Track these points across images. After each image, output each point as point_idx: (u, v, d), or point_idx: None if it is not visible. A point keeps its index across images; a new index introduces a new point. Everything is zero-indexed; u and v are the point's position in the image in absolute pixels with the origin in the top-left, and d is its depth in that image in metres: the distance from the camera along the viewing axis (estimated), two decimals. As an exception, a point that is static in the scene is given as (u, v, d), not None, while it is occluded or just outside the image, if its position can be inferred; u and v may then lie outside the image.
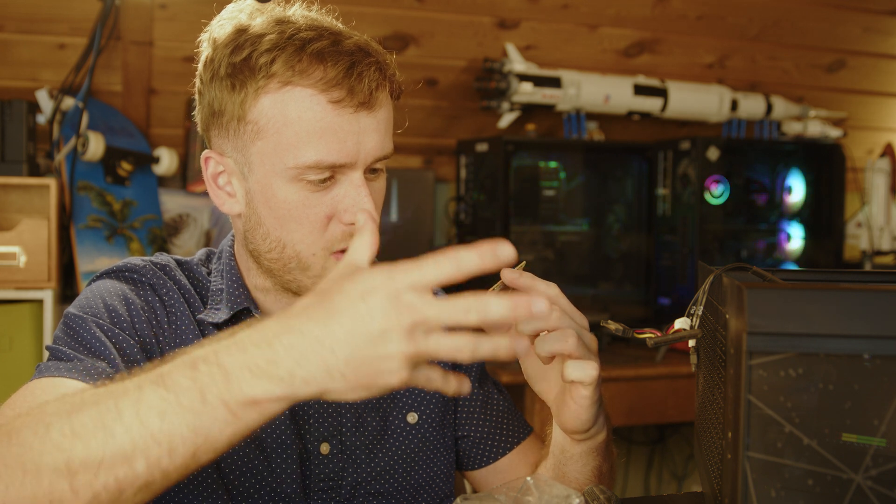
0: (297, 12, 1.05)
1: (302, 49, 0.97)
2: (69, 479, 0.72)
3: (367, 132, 1.00)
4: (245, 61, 0.99)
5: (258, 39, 0.99)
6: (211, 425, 0.72)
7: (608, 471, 1.09)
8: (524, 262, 0.95)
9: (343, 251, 1.03)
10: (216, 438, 0.72)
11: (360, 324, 0.70)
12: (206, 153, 1.07)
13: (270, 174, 1.00)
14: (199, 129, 1.09)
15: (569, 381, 0.94)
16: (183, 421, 0.72)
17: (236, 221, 1.09)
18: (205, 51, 1.06)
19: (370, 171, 1.04)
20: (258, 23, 1.01)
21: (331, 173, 1.00)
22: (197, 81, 1.07)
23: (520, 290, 0.96)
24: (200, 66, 1.06)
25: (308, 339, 0.71)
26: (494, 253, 0.72)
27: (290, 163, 0.98)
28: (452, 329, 0.72)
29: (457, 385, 0.76)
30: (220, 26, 1.04)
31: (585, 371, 0.94)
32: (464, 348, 0.71)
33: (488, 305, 0.71)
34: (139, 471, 0.72)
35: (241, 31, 1.01)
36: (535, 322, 0.93)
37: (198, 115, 1.08)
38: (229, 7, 1.06)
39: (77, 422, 0.74)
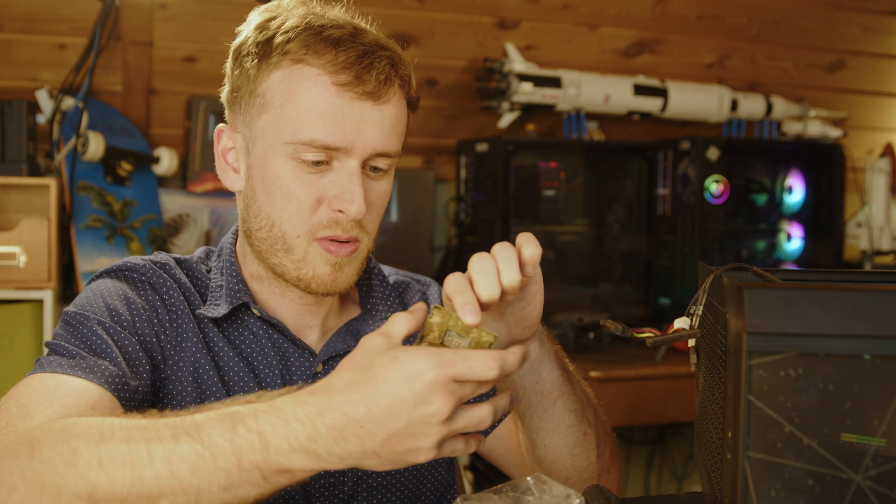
0: (332, 11, 1.07)
1: (319, 33, 1.00)
2: None
3: (369, 123, 1.00)
4: (267, 41, 1.02)
5: (283, 23, 1.02)
6: (241, 486, 0.75)
7: (571, 371, 1.09)
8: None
9: (326, 239, 1.03)
10: (244, 498, 0.76)
11: (403, 409, 0.74)
12: (219, 126, 1.09)
13: (269, 148, 1.02)
14: (225, 109, 1.11)
15: (536, 259, 0.92)
16: (215, 479, 0.75)
17: (238, 200, 1.10)
18: (240, 35, 1.08)
19: (372, 170, 1.04)
20: (291, 12, 1.04)
21: (326, 157, 1.00)
22: (228, 62, 1.09)
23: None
24: (232, 47, 1.09)
25: (350, 421, 0.74)
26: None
27: (288, 138, 0.99)
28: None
29: (476, 444, 0.82)
30: (259, 14, 1.07)
31: (531, 239, 0.93)
32: (486, 419, 0.78)
33: (506, 361, 0.77)
34: None
35: (272, 18, 1.04)
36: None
37: (222, 93, 1.10)
38: (273, 2, 1.09)
39: (105, 455, 0.76)
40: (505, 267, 0.89)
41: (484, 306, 0.88)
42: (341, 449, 0.75)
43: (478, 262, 0.89)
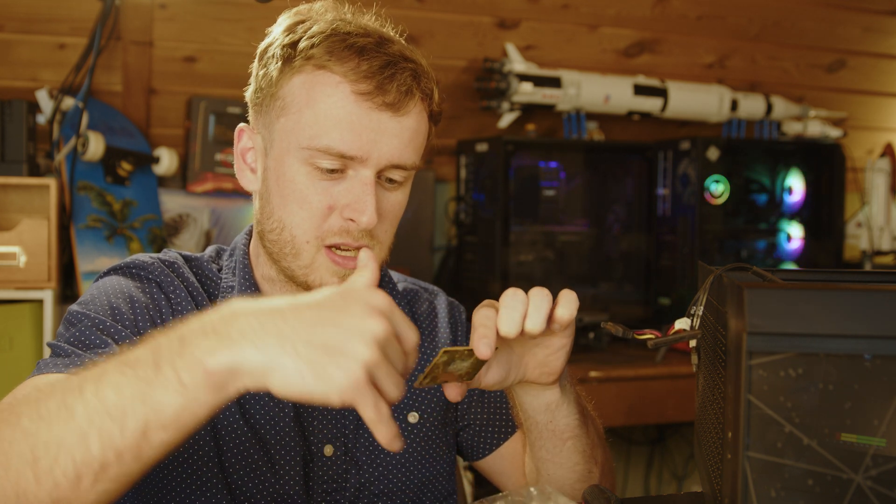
0: (362, 18, 1.06)
1: (344, 41, 1.00)
2: (32, 467, 0.72)
3: (387, 134, 1.00)
4: (292, 44, 1.01)
5: (310, 27, 1.02)
6: (161, 396, 0.71)
7: (589, 413, 1.10)
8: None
9: (335, 246, 1.02)
10: (164, 411, 0.71)
11: (340, 314, 0.71)
12: (240, 126, 1.09)
13: (285, 152, 1.02)
14: (249, 110, 1.11)
15: (569, 322, 0.93)
16: (136, 392, 0.72)
17: (254, 200, 1.10)
18: (268, 37, 1.08)
19: (387, 181, 1.03)
20: (321, 17, 1.04)
21: (341, 165, 1.00)
22: (254, 63, 1.09)
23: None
24: (259, 48, 1.08)
25: (273, 313, 0.72)
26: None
27: (304, 143, 0.99)
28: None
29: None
30: (289, 17, 1.06)
31: (571, 300, 0.93)
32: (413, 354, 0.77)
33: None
34: (94, 451, 0.72)
35: (300, 21, 1.04)
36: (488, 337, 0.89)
37: (247, 93, 1.10)
38: (305, 5, 1.08)
39: (44, 406, 0.74)
40: (533, 312, 0.89)
41: (500, 340, 0.89)
42: (256, 336, 0.70)
43: (510, 297, 0.89)
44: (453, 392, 0.90)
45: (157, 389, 0.71)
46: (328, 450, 1.08)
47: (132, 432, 0.71)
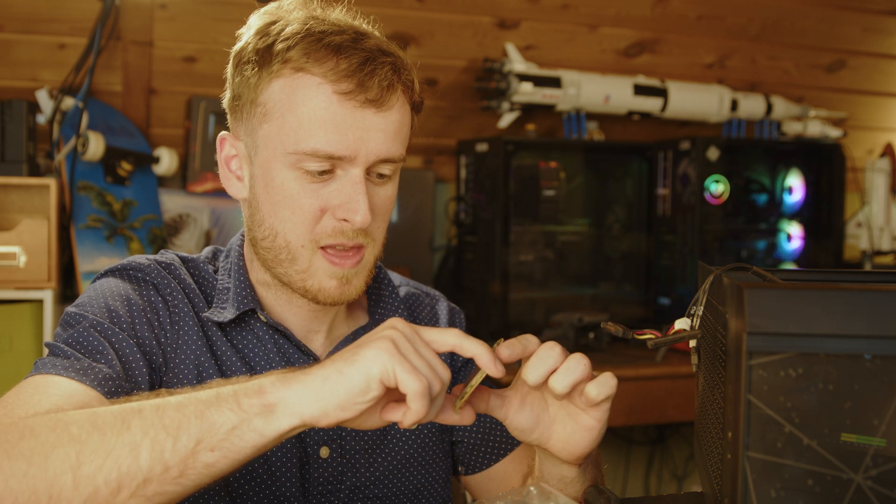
0: (333, 14, 1.05)
1: (320, 40, 0.98)
2: (74, 471, 0.75)
3: (372, 130, 0.99)
4: (268, 48, 1.00)
5: (284, 28, 1.00)
6: (217, 416, 0.76)
7: (601, 479, 1.08)
8: (501, 339, 0.90)
9: (330, 247, 1.02)
10: (217, 429, 0.76)
11: (363, 345, 0.79)
12: (222, 134, 1.08)
13: (272, 158, 1.01)
14: (227, 116, 1.10)
15: (597, 402, 0.91)
16: (195, 410, 0.77)
17: (243, 208, 1.10)
18: (241, 39, 1.07)
19: (377, 176, 1.03)
20: (292, 17, 1.03)
21: (330, 166, 0.99)
22: (228, 66, 1.08)
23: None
24: (232, 52, 1.07)
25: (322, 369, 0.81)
26: None
27: (290, 148, 0.98)
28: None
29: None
30: (260, 17, 1.05)
31: (608, 384, 0.91)
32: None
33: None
34: (142, 462, 0.75)
35: (273, 23, 1.03)
36: (513, 349, 0.89)
37: (223, 99, 1.09)
38: (274, 3, 1.07)
39: (99, 418, 0.78)
40: (563, 373, 0.88)
41: (536, 391, 0.93)
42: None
43: (546, 349, 0.89)
44: (469, 416, 0.89)
45: (214, 410, 0.77)
46: (324, 451, 1.08)
47: (183, 446, 0.76)
